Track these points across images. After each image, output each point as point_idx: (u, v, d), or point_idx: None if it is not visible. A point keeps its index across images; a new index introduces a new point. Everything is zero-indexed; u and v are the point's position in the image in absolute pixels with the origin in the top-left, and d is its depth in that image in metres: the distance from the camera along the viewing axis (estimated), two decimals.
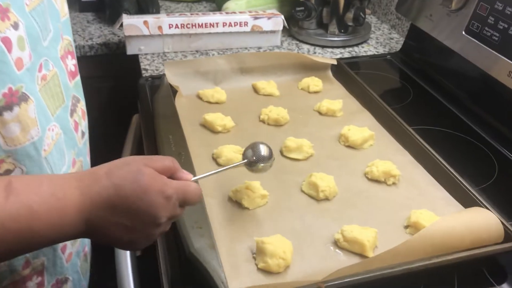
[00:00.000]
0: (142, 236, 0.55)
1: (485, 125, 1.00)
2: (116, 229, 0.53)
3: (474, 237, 0.67)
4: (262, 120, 1.00)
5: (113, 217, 0.52)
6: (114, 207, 0.51)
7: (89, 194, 0.51)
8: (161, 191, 0.53)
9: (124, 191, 0.51)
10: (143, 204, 0.52)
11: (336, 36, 1.37)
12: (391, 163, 0.84)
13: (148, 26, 1.25)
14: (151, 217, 0.53)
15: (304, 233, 0.72)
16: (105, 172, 0.53)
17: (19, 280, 0.62)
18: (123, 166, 0.54)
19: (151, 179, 0.53)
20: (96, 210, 0.51)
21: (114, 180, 0.52)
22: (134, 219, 0.52)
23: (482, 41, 0.97)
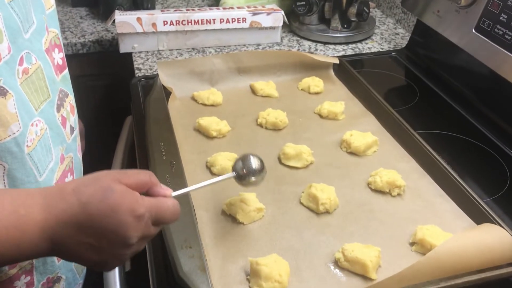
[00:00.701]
0: (111, 256, 0.52)
1: (496, 129, 0.95)
2: (82, 249, 0.50)
3: (486, 257, 0.62)
4: (259, 124, 0.95)
5: (79, 236, 0.49)
6: (80, 226, 0.49)
7: (54, 211, 0.48)
8: (131, 210, 0.50)
9: (91, 209, 0.48)
10: (111, 224, 0.49)
11: (338, 32, 1.31)
12: (395, 172, 0.79)
13: (142, 23, 1.19)
14: (119, 237, 0.50)
15: (302, 251, 0.67)
16: (72, 189, 0.50)
17: (6, 280, 0.61)
18: (92, 183, 0.50)
19: (120, 197, 0.49)
20: (60, 228, 0.48)
21: (81, 198, 0.49)
22: (101, 239, 0.49)
23: (494, 39, 0.92)
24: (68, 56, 1.30)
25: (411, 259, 0.66)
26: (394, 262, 0.66)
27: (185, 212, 0.69)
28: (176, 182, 0.76)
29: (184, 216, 0.68)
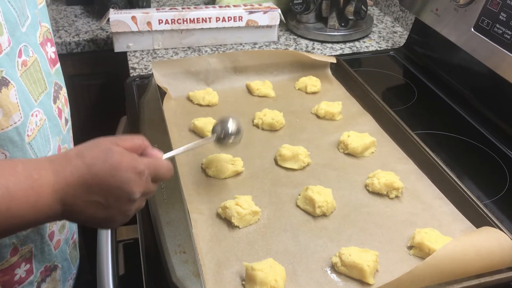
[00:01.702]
0: (117, 213, 0.55)
1: (495, 129, 0.93)
2: (90, 207, 0.53)
3: (485, 261, 0.61)
4: (256, 124, 0.93)
5: (87, 196, 0.52)
6: (88, 186, 0.52)
7: (62, 174, 0.52)
8: (132, 167, 0.54)
9: (96, 169, 0.52)
10: (115, 181, 0.53)
11: (336, 31, 1.30)
12: (393, 174, 0.78)
13: (137, 22, 1.18)
14: (124, 193, 0.54)
15: (299, 255, 0.66)
16: (76, 154, 0.53)
17: (8, 268, 0.62)
18: (93, 146, 0.54)
19: (121, 156, 0.54)
20: (70, 189, 0.52)
21: (85, 160, 0.52)
22: (107, 196, 0.53)
23: (493, 38, 0.90)
24: (63, 55, 1.29)
25: (409, 263, 0.65)
26: (392, 266, 0.65)
27: (179, 216, 0.68)
28: (170, 185, 0.74)
29: (178, 221, 0.67)
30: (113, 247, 0.77)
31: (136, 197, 0.55)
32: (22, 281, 0.66)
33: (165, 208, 0.70)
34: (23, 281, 0.66)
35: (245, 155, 0.84)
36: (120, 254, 0.78)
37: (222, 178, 0.80)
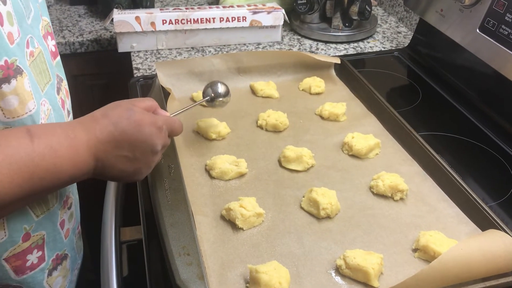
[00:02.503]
0: (143, 165, 0.63)
1: (500, 131, 0.93)
2: (120, 162, 0.60)
3: (491, 265, 0.60)
4: (259, 125, 0.93)
5: (117, 151, 0.59)
6: (116, 142, 0.58)
7: (93, 132, 0.57)
8: (152, 123, 0.62)
9: (122, 126, 0.59)
10: (140, 136, 0.60)
11: (340, 31, 1.30)
12: (398, 176, 0.78)
13: (140, 22, 1.18)
14: (148, 146, 0.61)
15: (303, 258, 0.66)
16: (101, 114, 0.60)
17: (20, 253, 0.63)
18: (115, 107, 0.61)
19: (141, 114, 0.61)
20: (101, 146, 0.57)
21: (111, 119, 0.59)
22: (134, 150, 0.60)
23: (498, 39, 0.90)
24: (66, 55, 1.29)
25: (414, 266, 0.65)
26: (397, 269, 0.65)
27: (183, 218, 0.67)
28: (174, 187, 0.74)
29: (182, 223, 0.67)
30: (117, 248, 0.77)
31: (158, 149, 0.63)
32: (34, 267, 0.67)
33: (169, 209, 0.70)
34: (35, 268, 0.67)
35: (249, 156, 0.84)
36: (124, 255, 0.78)
37: (226, 180, 0.79)
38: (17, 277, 0.65)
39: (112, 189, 0.86)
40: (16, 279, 0.65)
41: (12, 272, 0.64)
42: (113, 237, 0.77)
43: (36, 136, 0.52)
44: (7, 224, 0.60)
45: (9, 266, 0.63)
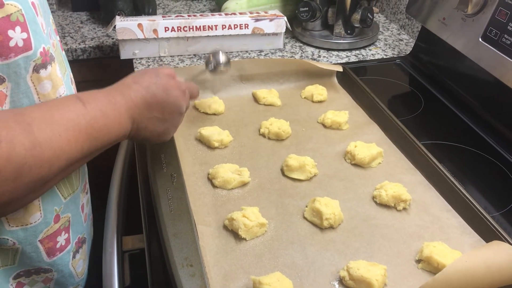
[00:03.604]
0: (171, 125, 0.71)
1: (503, 140, 0.93)
2: (152, 122, 0.67)
3: (495, 277, 0.60)
4: (262, 133, 0.93)
5: (149, 113, 0.66)
6: (148, 104, 0.65)
7: (128, 97, 0.63)
8: (178, 87, 0.70)
9: (153, 90, 0.66)
10: (168, 98, 0.67)
11: (342, 39, 1.30)
12: (401, 185, 0.77)
13: (143, 30, 1.18)
14: (176, 107, 0.69)
15: (306, 268, 0.66)
16: (132, 81, 0.66)
17: (52, 234, 0.67)
18: (143, 74, 0.68)
19: (167, 79, 0.69)
20: (137, 108, 0.64)
21: (142, 84, 0.65)
22: (164, 111, 0.68)
23: (501, 49, 0.90)
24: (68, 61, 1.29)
25: (418, 277, 0.65)
26: (400, 280, 0.64)
27: (186, 228, 0.67)
28: (177, 196, 0.74)
29: (184, 233, 0.66)
30: (119, 257, 0.77)
31: (183, 110, 0.72)
32: (62, 249, 0.70)
33: (172, 219, 0.70)
34: (63, 250, 0.70)
35: (252, 165, 0.84)
36: (126, 264, 0.78)
37: (228, 189, 0.79)
38: (48, 259, 0.68)
39: (114, 198, 0.86)
40: (48, 261, 0.68)
41: (45, 254, 0.67)
42: (115, 246, 0.77)
43: (86, 101, 0.57)
44: (42, 206, 0.63)
45: (43, 247, 0.66)
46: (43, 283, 0.71)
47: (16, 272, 0.66)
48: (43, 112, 0.53)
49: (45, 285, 0.71)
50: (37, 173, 0.50)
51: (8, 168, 0.47)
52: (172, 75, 0.71)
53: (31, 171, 0.49)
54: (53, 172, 0.52)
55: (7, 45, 0.53)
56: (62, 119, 0.53)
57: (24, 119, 0.50)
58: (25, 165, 0.48)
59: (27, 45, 0.56)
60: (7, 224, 0.61)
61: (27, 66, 0.57)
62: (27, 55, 0.56)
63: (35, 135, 0.50)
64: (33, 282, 0.69)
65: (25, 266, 0.66)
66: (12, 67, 0.55)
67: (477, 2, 0.94)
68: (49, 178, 0.53)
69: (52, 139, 0.51)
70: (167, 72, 0.71)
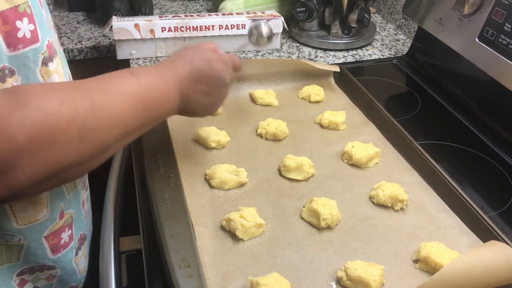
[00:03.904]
0: (216, 98, 0.72)
1: (499, 140, 0.93)
2: (199, 96, 0.68)
3: (493, 277, 0.60)
4: (259, 134, 0.93)
5: (196, 86, 0.67)
6: (195, 78, 0.66)
7: (176, 72, 0.65)
8: (221, 60, 0.70)
9: (198, 64, 0.67)
10: (213, 71, 0.69)
11: (339, 39, 1.30)
12: (398, 185, 0.77)
13: (140, 30, 1.17)
14: (221, 80, 0.70)
15: (304, 269, 0.66)
16: (177, 56, 0.68)
17: (57, 231, 0.68)
18: (187, 50, 0.70)
19: (210, 53, 0.70)
20: (184, 82, 0.65)
21: (188, 59, 0.67)
22: (209, 84, 0.69)
23: (497, 49, 0.90)
24: None
25: (415, 277, 0.65)
26: (398, 280, 0.64)
27: (183, 229, 0.67)
28: (174, 197, 0.74)
29: (182, 234, 0.66)
30: (116, 258, 0.76)
31: (228, 82, 0.72)
32: (66, 246, 0.71)
33: (169, 220, 0.70)
34: (66, 246, 0.71)
35: (249, 165, 0.84)
36: (123, 265, 0.78)
37: (226, 189, 0.79)
38: (52, 256, 0.69)
39: (111, 198, 0.85)
40: (52, 258, 0.69)
41: (49, 251, 0.68)
42: (112, 247, 0.77)
43: (139, 75, 0.59)
44: (50, 202, 0.64)
45: (48, 244, 0.67)
46: (46, 280, 0.71)
47: (20, 269, 0.67)
48: (99, 82, 0.55)
49: (48, 282, 0.72)
50: (98, 136, 0.51)
51: (72, 128, 0.48)
52: (214, 49, 0.72)
53: (93, 133, 0.51)
54: (112, 137, 0.54)
55: (15, 36, 0.54)
56: (118, 89, 0.55)
57: (82, 86, 0.52)
58: (87, 126, 0.49)
59: (35, 37, 0.56)
60: (15, 222, 0.62)
61: (36, 59, 0.57)
62: (35, 47, 0.57)
63: (94, 100, 0.51)
64: (37, 279, 0.70)
65: (30, 263, 0.67)
66: (21, 59, 0.55)
67: (474, 2, 0.94)
68: (108, 143, 0.54)
69: (110, 104, 0.53)
70: (210, 46, 0.72)
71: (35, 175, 0.46)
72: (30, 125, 0.44)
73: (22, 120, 0.44)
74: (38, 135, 0.45)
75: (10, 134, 0.43)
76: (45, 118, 0.45)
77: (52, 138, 0.46)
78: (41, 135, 0.45)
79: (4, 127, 0.43)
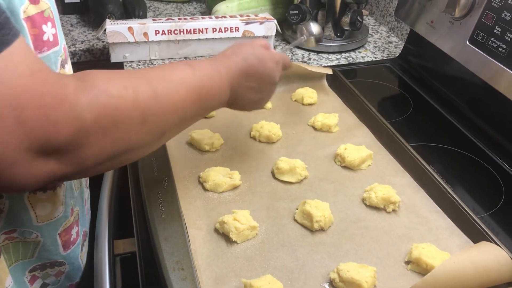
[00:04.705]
0: (265, 94, 0.75)
1: (491, 142, 0.94)
2: (248, 92, 0.70)
3: (483, 278, 0.61)
4: (253, 136, 0.94)
5: (246, 82, 0.69)
6: (246, 74, 0.69)
7: (228, 67, 0.67)
8: (272, 58, 0.72)
9: (250, 61, 0.69)
10: (265, 69, 0.71)
11: (331, 41, 1.31)
12: (390, 187, 0.78)
13: (133, 33, 1.18)
14: (270, 77, 0.72)
15: (297, 271, 0.66)
16: (231, 52, 0.70)
17: (68, 228, 0.71)
18: (240, 46, 0.71)
19: (262, 51, 0.71)
20: (235, 78, 0.67)
21: (240, 56, 0.69)
22: (260, 81, 0.71)
23: (487, 52, 0.91)
24: None
25: (407, 278, 0.66)
26: (390, 282, 0.65)
27: (177, 232, 0.68)
28: (168, 199, 0.75)
29: (176, 237, 0.67)
30: (111, 261, 0.77)
31: (277, 80, 0.74)
32: (74, 242, 0.74)
33: (163, 223, 0.70)
34: (75, 242, 0.74)
35: (243, 168, 0.84)
36: (118, 268, 0.78)
37: (219, 192, 0.80)
38: (63, 252, 0.72)
39: (105, 201, 0.86)
40: (63, 254, 0.72)
41: (61, 247, 0.71)
42: (107, 250, 0.77)
43: (194, 67, 0.62)
44: (65, 200, 0.67)
45: (60, 240, 0.70)
46: (54, 277, 0.74)
47: (33, 265, 0.70)
48: (158, 72, 0.58)
49: (56, 278, 0.74)
50: (157, 121, 0.55)
51: (135, 111, 0.51)
52: (266, 46, 0.74)
53: (153, 118, 0.54)
54: (169, 124, 0.57)
55: (41, 39, 0.57)
56: (176, 78, 0.58)
57: (144, 75, 0.56)
58: (148, 110, 0.53)
59: (55, 40, 0.60)
60: (35, 220, 0.65)
61: (56, 61, 0.61)
62: (56, 50, 0.60)
63: (155, 87, 0.54)
64: (47, 275, 0.72)
65: (42, 259, 0.70)
66: (46, 61, 0.58)
67: (464, 6, 0.95)
68: (166, 129, 0.58)
69: (169, 92, 0.56)
70: (262, 43, 0.74)
71: (100, 154, 0.49)
72: (97, 106, 0.47)
73: (89, 101, 0.47)
74: (104, 116, 0.48)
75: (78, 115, 0.46)
76: (111, 100, 0.49)
77: (117, 120, 0.49)
78: (106, 116, 0.48)
79: (72, 108, 0.45)
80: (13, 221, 0.63)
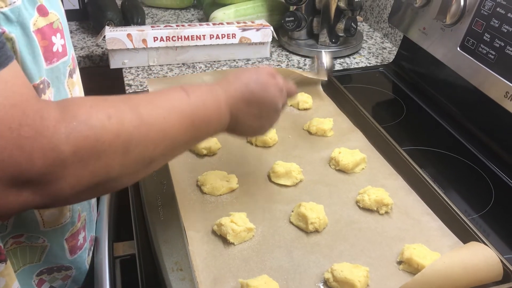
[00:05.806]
0: (267, 122, 0.72)
1: (481, 146, 0.97)
2: (249, 118, 0.68)
3: (472, 277, 0.63)
4: (249, 141, 0.96)
5: (247, 108, 0.67)
6: (247, 101, 0.67)
7: (228, 92, 0.65)
8: (276, 85, 0.70)
9: (252, 88, 0.67)
10: (266, 96, 0.68)
11: (327, 47, 1.33)
12: (383, 190, 0.80)
13: (132, 40, 1.20)
14: (273, 104, 0.70)
15: (292, 271, 0.68)
16: (234, 77, 0.68)
17: (75, 233, 0.71)
18: (243, 72, 0.70)
19: (266, 77, 0.69)
20: (235, 103, 0.65)
21: (242, 81, 0.67)
22: (261, 108, 0.69)
23: (478, 58, 0.94)
24: None
25: (399, 278, 0.68)
26: (382, 281, 0.67)
27: (176, 234, 0.70)
28: (167, 203, 0.76)
29: (174, 239, 0.69)
30: (111, 263, 0.78)
31: (280, 107, 0.72)
32: (81, 247, 0.75)
33: (162, 225, 0.72)
34: (81, 247, 0.75)
35: (240, 172, 0.86)
36: (117, 270, 0.80)
37: (217, 195, 0.82)
38: (70, 257, 0.73)
39: (105, 205, 0.87)
40: (70, 259, 0.73)
41: (68, 252, 0.72)
42: (107, 252, 0.79)
43: (189, 92, 0.59)
44: (71, 206, 0.68)
45: (67, 246, 0.71)
46: (61, 281, 0.75)
47: (40, 269, 0.71)
48: (149, 97, 0.57)
49: (63, 282, 0.75)
50: (142, 151, 0.52)
51: (118, 142, 0.49)
52: (272, 74, 0.72)
53: (138, 147, 0.51)
54: (157, 153, 0.54)
55: (51, 50, 0.58)
56: (167, 104, 0.56)
57: (131, 101, 0.53)
58: (132, 141, 0.50)
59: (64, 51, 0.61)
60: (42, 225, 0.66)
61: (65, 71, 0.62)
62: (64, 60, 0.61)
63: (142, 115, 0.52)
64: (53, 279, 0.74)
65: (49, 263, 0.71)
66: (55, 71, 0.60)
67: (455, 13, 0.98)
68: (153, 158, 0.54)
69: (158, 120, 0.54)
70: (268, 70, 0.72)
71: (78, 185, 0.47)
72: (76, 138, 0.45)
73: (68, 133, 0.45)
74: (83, 148, 0.46)
75: (55, 147, 0.44)
76: (91, 131, 0.47)
77: (97, 151, 0.47)
78: (86, 148, 0.46)
79: (50, 139, 0.44)
80: (20, 226, 0.64)
